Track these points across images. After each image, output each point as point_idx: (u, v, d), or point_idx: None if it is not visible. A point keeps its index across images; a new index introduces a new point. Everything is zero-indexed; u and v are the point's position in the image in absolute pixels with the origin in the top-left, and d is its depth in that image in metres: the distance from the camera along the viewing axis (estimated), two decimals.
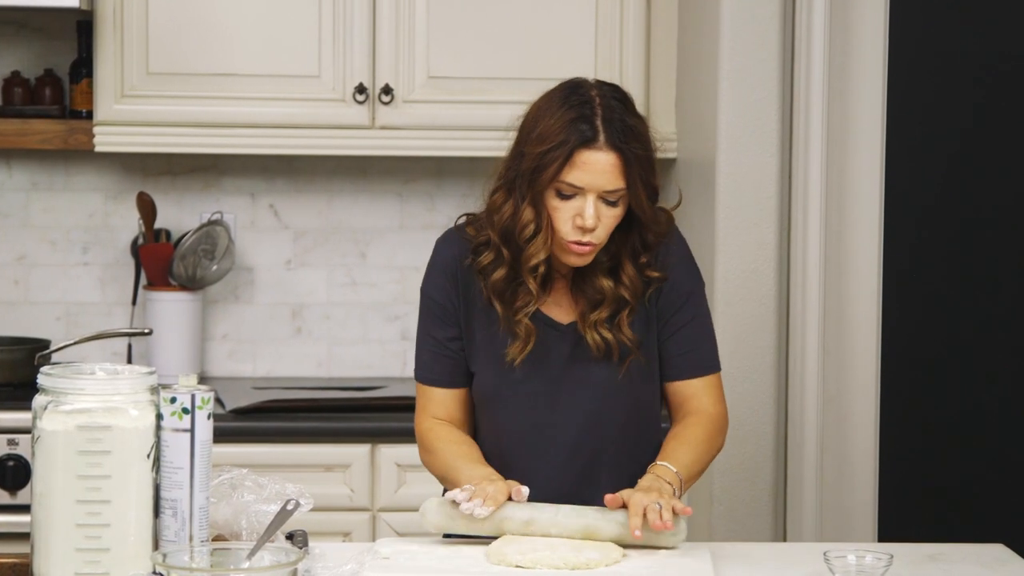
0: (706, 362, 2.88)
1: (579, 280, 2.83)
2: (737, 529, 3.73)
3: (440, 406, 2.87)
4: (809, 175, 3.71)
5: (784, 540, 3.74)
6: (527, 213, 2.74)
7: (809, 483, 3.72)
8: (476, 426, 2.91)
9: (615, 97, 2.76)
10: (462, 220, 2.89)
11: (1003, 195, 4.03)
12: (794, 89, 3.72)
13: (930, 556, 2.66)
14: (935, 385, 4.02)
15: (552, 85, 2.80)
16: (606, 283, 2.80)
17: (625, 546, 2.59)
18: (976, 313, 4.03)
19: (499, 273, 2.79)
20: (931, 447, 4.02)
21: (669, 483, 2.68)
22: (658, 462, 2.74)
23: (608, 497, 2.64)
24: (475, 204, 2.88)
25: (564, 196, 2.71)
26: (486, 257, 2.80)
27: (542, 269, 2.77)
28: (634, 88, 4.08)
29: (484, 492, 2.62)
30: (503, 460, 2.82)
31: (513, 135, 2.80)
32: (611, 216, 2.74)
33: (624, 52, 4.08)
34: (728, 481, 3.73)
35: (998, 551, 2.72)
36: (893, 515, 3.87)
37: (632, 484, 2.75)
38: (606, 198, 2.71)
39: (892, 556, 2.46)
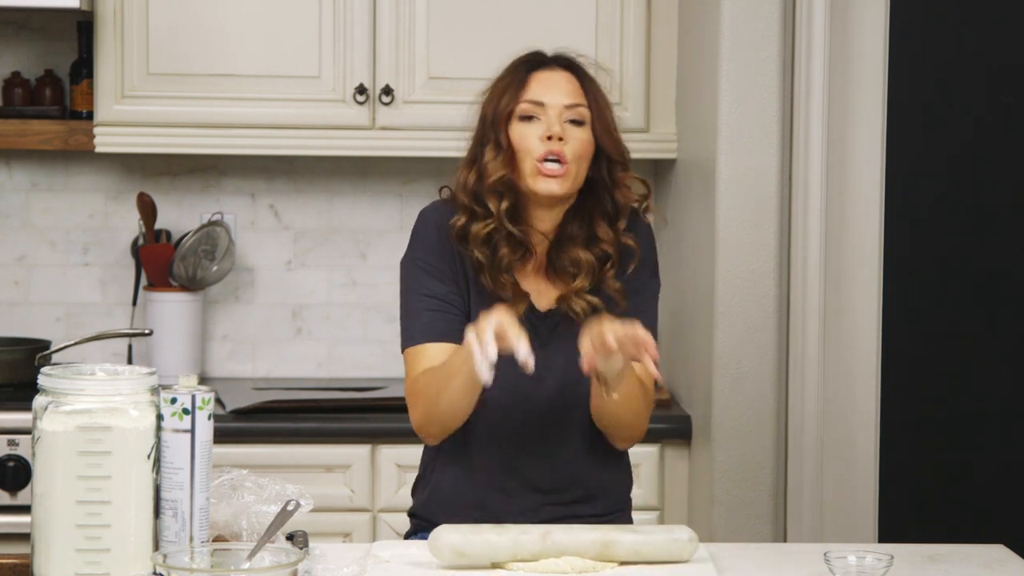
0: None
1: (555, 256, 2.84)
2: (738, 530, 3.73)
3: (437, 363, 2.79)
4: (809, 176, 3.71)
5: (784, 541, 3.74)
6: (489, 153, 2.81)
7: (809, 484, 3.72)
8: None
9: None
10: (446, 193, 2.93)
11: (1003, 196, 4.03)
12: (794, 90, 3.72)
13: (930, 557, 2.66)
14: (935, 386, 4.02)
15: None
16: (583, 255, 2.83)
17: (636, 561, 2.57)
18: (977, 314, 4.03)
19: (476, 228, 2.80)
20: (931, 448, 4.02)
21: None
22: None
23: (586, 354, 2.64)
24: None
25: (527, 118, 2.79)
26: (458, 220, 2.83)
27: (507, 202, 2.79)
28: (634, 89, 4.09)
29: (490, 328, 2.55)
30: (473, 433, 2.84)
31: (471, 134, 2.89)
32: (578, 138, 2.79)
33: (624, 53, 4.08)
34: (729, 482, 3.73)
35: (998, 552, 2.72)
36: (893, 516, 3.87)
37: (594, 440, 2.86)
38: (569, 117, 2.78)
39: (892, 557, 2.46)
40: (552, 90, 2.80)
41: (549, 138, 2.76)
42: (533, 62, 2.84)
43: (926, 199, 3.98)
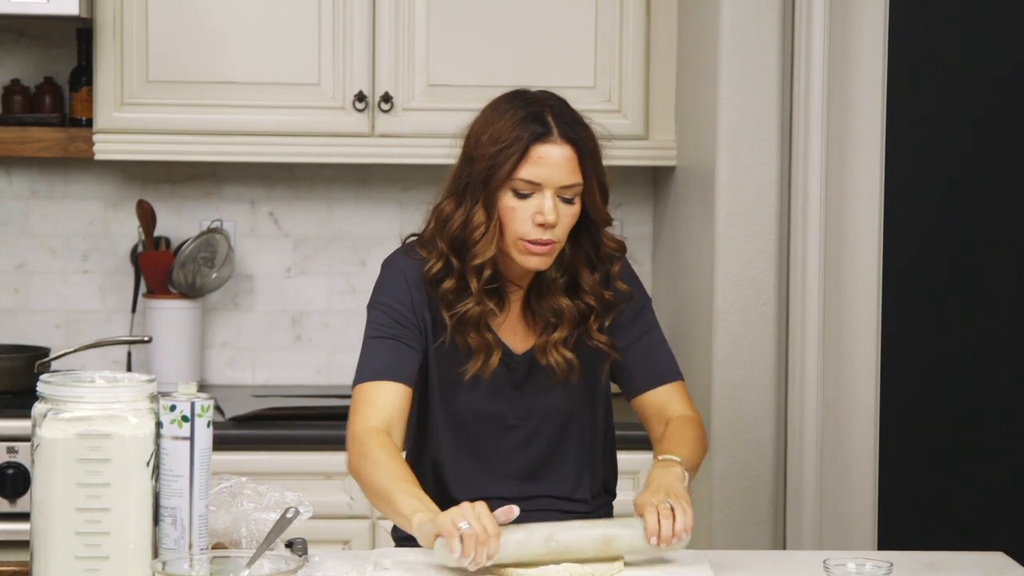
0: (667, 372, 2.89)
1: (535, 302, 2.81)
2: (737, 537, 3.73)
3: (385, 409, 2.72)
4: (809, 183, 3.71)
5: (784, 548, 3.74)
6: (479, 215, 2.73)
7: (809, 491, 3.72)
8: (412, 449, 2.88)
9: (556, 98, 2.79)
10: (411, 239, 2.87)
11: (1003, 204, 4.03)
12: (794, 96, 3.73)
13: (930, 564, 2.66)
14: (935, 393, 4.02)
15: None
16: (564, 302, 2.79)
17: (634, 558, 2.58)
18: (976, 321, 4.03)
19: (448, 283, 2.76)
20: (931, 455, 4.02)
21: (678, 471, 2.69)
22: (660, 455, 2.74)
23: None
24: None
25: (521, 195, 2.70)
26: (434, 265, 2.77)
27: (487, 272, 2.74)
28: (634, 95, 4.09)
29: (477, 534, 2.44)
30: (439, 483, 2.82)
31: (458, 147, 2.81)
32: (568, 215, 2.73)
33: (624, 59, 4.08)
34: (728, 489, 3.73)
35: (998, 559, 2.72)
36: (893, 523, 3.87)
37: (588, 502, 2.85)
38: (562, 195, 2.71)
39: (892, 564, 2.46)
40: (551, 169, 2.69)
41: (541, 224, 2.70)
42: (536, 133, 2.70)
43: (926, 205, 3.98)
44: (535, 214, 2.70)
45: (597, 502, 2.92)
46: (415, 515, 2.54)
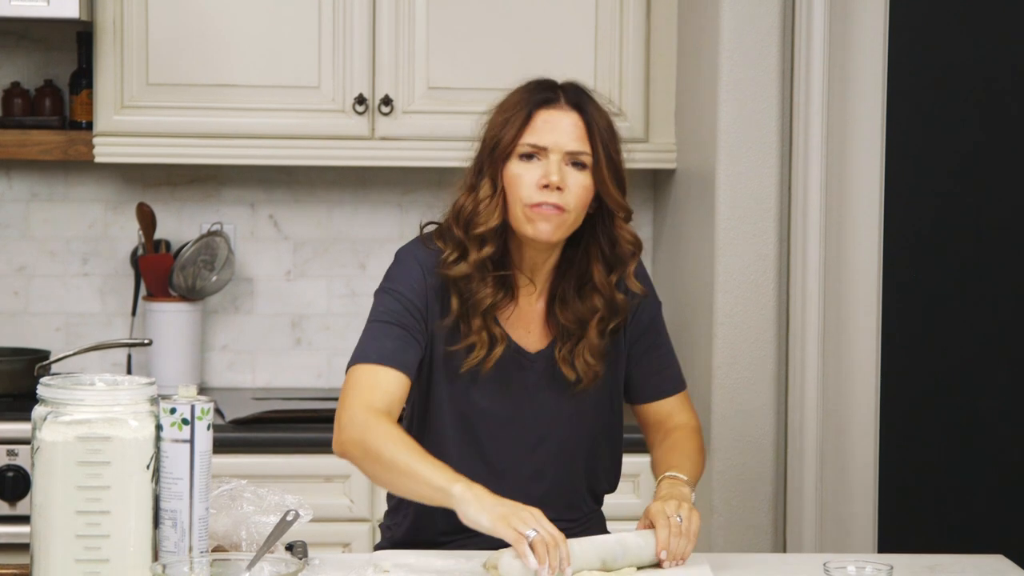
0: (677, 381, 2.90)
1: (556, 307, 2.76)
2: (737, 540, 3.73)
3: (387, 395, 2.64)
4: (809, 186, 3.71)
5: (784, 551, 3.74)
6: (485, 187, 2.68)
7: (809, 494, 3.72)
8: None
9: (573, 82, 2.77)
10: (430, 228, 2.80)
11: (1003, 206, 4.03)
12: (794, 100, 3.73)
13: (929, 567, 2.66)
14: (935, 396, 4.02)
15: None
16: (583, 310, 2.75)
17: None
18: (976, 324, 4.03)
19: (461, 268, 2.69)
20: (931, 458, 4.02)
21: (686, 491, 2.70)
22: (667, 473, 2.74)
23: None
24: None
25: (527, 157, 2.66)
26: (450, 255, 2.70)
27: (490, 247, 2.68)
28: (634, 99, 4.09)
29: (550, 550, 2.39)
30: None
31: (473, 149, 2.77)
32: (579, 184, 2.66)
33: (624, 62, 4.09)
34: (728, 492, 3.73)
35: (998, 562, 2.72)
36: (893, 526, 3.87)
37: (581, 510, 2.82)
38: (573, 160, 2.66)
39: (892, 567, 2.45)
40: (556, 133, 2.66)
41: (546, 186, 2.64)
42: (541, 99, 2.70)
43: (925, 207, 3.98)
44: (540, 177, 2.64)
45: (589, 510, 2.91)
46: (453, 486, 2.48)
